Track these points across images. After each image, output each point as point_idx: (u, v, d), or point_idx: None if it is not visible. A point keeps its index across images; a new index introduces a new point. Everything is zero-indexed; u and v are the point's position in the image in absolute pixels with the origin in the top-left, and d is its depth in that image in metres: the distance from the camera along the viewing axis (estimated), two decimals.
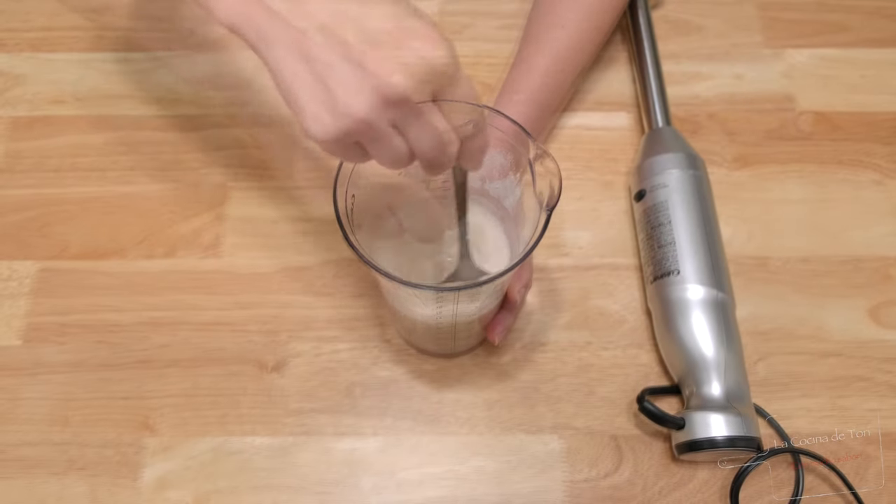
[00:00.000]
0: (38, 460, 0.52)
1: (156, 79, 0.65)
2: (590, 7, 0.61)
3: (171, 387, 0.54)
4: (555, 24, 0.60)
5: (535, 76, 0.58)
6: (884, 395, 0.54)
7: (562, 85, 0.59)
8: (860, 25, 0.69)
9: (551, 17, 0.60)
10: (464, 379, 0.55)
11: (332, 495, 0.51)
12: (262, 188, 0.61)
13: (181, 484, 0.51)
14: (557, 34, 0.59)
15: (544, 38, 0.60)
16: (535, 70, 0.58)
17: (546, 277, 0.58)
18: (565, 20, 0.60)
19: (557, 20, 0.60)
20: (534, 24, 0.62)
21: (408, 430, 0.53)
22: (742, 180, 0.62)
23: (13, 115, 0.64)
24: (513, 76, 0.59)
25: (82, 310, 0.56)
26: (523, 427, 0.53)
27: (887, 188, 0.62)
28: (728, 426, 0.48)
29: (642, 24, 0.65)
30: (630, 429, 0.53)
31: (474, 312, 0.46)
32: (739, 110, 0.65)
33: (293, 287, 0.57)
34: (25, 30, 0.68)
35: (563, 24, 0.60)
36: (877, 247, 0.59)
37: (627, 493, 0.51)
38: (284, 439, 0.52)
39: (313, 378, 0.54)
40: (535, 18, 0.62)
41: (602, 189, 0.61)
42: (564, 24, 0.60)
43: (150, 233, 0.59)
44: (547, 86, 0.58)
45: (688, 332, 0.51)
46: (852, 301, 0.57)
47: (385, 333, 0.56)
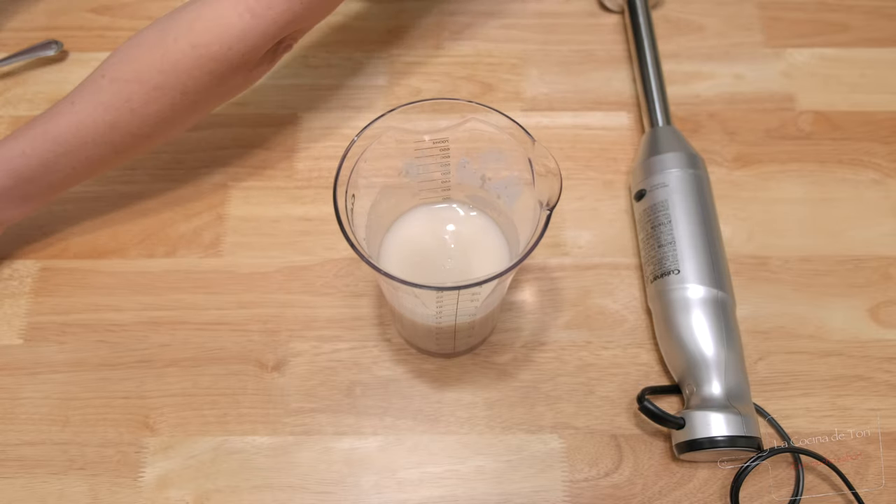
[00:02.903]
0: (38, 460, 0.52)
1: None
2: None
3: (171, 386, 0.54)
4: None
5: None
6: (884, 395, 0.54)
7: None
8: (860, 25, 0.69)
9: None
10: (464, 379, 0.55)
11: (332, 495, 0.51)
12: (262, 188, 0.61)
13: (181, 483, 0.51)
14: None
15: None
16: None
17: (546, 277, 0.58)
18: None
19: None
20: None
21: (408, 430, 0.53)
22: (742, 180, 0.62)
23: (13, 114, 0.64)
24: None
25: (83, 309, 0.56)
26: (523, 426, 0.53)
27: (887, 188, 0.62)
28: (728, 426, 0.48)
29: (642, 24, 0.65)
30: (630, 428, 0.53)
31: (474, 312, 0.46)
32: (739, 110, 0.65)
33: (293, 287, 0.57)
34: (25, 30, 0.68)
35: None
36: (877, 246, 0.59)
37: (627, 493, 0.51)
38: (284, 439, 0.52)
39: (313, 377, 0.54)
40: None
41: (602, 188, 0.61)
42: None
43: (151, 232, 0.59)
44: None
45: (688, 331, 0.51)
46: (852, 300, 0.57)
47: (385, 333, 0.56)
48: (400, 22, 0.69)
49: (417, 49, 0.68)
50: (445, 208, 0.50)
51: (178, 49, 0.47)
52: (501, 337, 0.56)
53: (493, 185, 0.47)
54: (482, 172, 0.47)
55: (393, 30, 0.68)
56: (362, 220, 0.45)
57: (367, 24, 0.69)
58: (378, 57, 0.67)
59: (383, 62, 0.67)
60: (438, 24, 0.69)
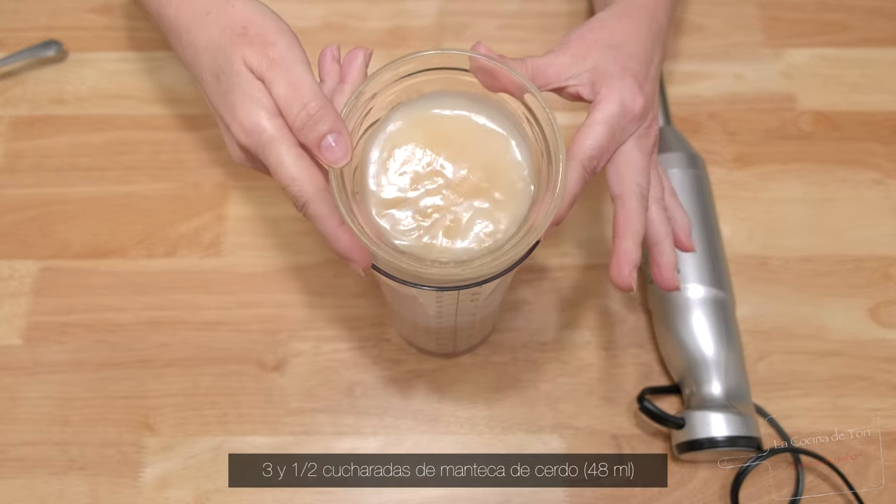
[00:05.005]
0: (38, 460, 0.52)
1: (156, 79, 0.65)
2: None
3: (171, 386, 0.54)
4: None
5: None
6: (884, 395, 0.54)
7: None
8: (860, 25, 0.69)
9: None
10: (464, 379, 0.55)
11: (333, 495, 0.51)
12: (262, 188, 0.61)
13: (181, 483, 0.51)
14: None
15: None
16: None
17: (546, 277, 0.58)
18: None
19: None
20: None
21: (408, 430, 0.53)
22: (742, 180, 0.62)
23: (13, 114, 0.64)
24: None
25: (83, 309, 0.56)
26: (523, 426, 0.53)
27: (887, 188, 0.62)
28: (728, 425, 0.48)
29: None
30: (630, 428, 0.53)
31: (474, 312, 0.46)
32: (739, 110, 0.65)
33: (293, 287, 0.57)
34: (25, 29, 0.68)
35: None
36: (877, 246, 0.59)
37: (627, 493, 0.51)
38: (284, 439, 0.52)
39: (313, 377, 0.54)
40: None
41: (602, 188, 0.61)
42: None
43: (151, 232, 0.59)
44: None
45: (688, 331, 0.51)
46: (852, 301, 0.57)
47: (385, 333, 0.56)
48: (400, 22, 0.69)
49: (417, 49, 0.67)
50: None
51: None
52: (501, 337, 0.56)
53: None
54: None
55: (393, 30, 0.68)
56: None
57: (367, 24, 0.69)
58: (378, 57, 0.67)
59: (383, 62, 0.67)
60: (438, 24, 0.69)
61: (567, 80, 0.42)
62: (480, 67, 0.38)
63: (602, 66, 0.42)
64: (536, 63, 0.42)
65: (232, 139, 0.41)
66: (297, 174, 0.37)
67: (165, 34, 0.46)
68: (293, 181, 0.37)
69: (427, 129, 0.40)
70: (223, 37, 0.40)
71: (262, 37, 0.39)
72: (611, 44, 0.42)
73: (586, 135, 0.41)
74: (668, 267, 0.42)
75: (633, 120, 0.42)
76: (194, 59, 0.43)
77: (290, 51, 0.39)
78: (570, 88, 0.42)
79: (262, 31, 0.40)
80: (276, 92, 0.39)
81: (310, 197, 0.37)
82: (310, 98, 0.37)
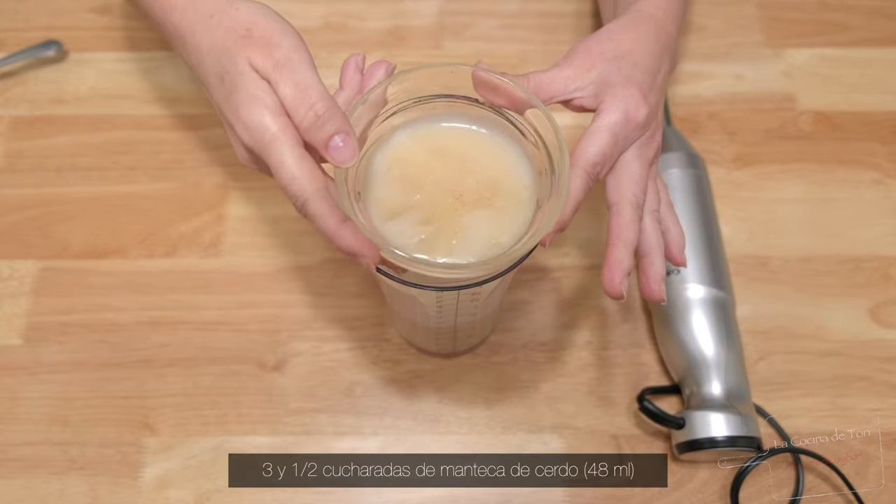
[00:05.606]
0: (38, 460, 0.52)
1: (156, 79, 0.65)
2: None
3: (171, 386, 0.54)
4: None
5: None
6: (884, 395, 0.54)
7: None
8: (860, 25, 0.69)
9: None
10: (464, 379, 0.55)
11: (333, 495, 0.51)
12: (262, 188, 0.61)
13: (181, 483, 0.51)
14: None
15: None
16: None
17: (546, 277, 0.58)
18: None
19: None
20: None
21: (408, 430, 0.53)
22: (742, 180, 0.62)
23: (13, 114, 0.64)
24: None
25: (83, 309, 0.56)
26: (523, 426, 0.53)
27: (887, 188, 0.62)
28: (728, 426, 0.48)
29: None
30: (630, 428, 0.53)
31: (475, 312, 0.46)
32: (739, 110, 0.65)
33: (293, 287, 0.57)
34: (25, 29, 0.68)
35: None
36: (877, 246, 0.59)
37: (627, 493, 0.51)
38: (284, 439, 0.52)
39: (313, 377, 0.54)
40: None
41: (602, 188, 0.61)
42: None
43: (151, 232, 0.59)
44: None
45: (688, 331, 0.51)
46: (852, 301, 0.57)
47: (385, 333, 0.56)
48: (400, 22, 0.69)
49: (417, 49, 0.68)
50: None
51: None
52: (501, 337, 0.56)
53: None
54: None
55: (393, 30, 0.68)
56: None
57: (367, 24, 0.69)
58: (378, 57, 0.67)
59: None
60: (438, 24, 0.69)
61: (572, 92, 0.42)
62: (484, 83, 0.39)
63: (606, 76, 0.42)
64: (540, 77, 0.42)
65: (237, 139, 0.41)
66: (297, 173, 0.37)
67: (170, 40, 0.46)
68: (293, 180, 0.37)
69: (431, 139, 0.41)
70: (227, 39, 0.40)
71: (267, 39, 0.40)
72: (616, 55, 0.43)
73: (589, 142, 0.41)
74: (656, 279, 0.42)
75: (636, 129, 0.42)
76: (199, 62, 0.43)
77: (295, 52, 0.39)
78: (575, 101, 0.43)
79: (267, 33, 0.40)
80: (282, 92, 0.39)
81: (310, 195, 0.37)
82: (317, 99, 0.37)
